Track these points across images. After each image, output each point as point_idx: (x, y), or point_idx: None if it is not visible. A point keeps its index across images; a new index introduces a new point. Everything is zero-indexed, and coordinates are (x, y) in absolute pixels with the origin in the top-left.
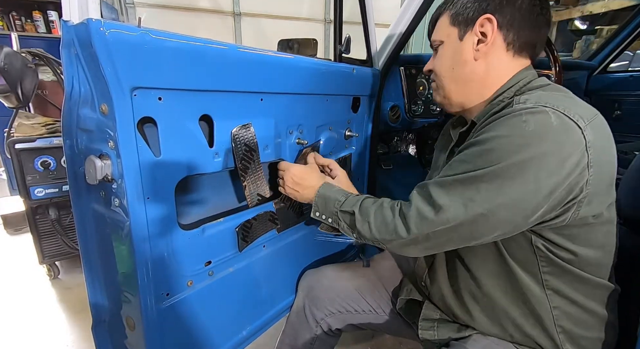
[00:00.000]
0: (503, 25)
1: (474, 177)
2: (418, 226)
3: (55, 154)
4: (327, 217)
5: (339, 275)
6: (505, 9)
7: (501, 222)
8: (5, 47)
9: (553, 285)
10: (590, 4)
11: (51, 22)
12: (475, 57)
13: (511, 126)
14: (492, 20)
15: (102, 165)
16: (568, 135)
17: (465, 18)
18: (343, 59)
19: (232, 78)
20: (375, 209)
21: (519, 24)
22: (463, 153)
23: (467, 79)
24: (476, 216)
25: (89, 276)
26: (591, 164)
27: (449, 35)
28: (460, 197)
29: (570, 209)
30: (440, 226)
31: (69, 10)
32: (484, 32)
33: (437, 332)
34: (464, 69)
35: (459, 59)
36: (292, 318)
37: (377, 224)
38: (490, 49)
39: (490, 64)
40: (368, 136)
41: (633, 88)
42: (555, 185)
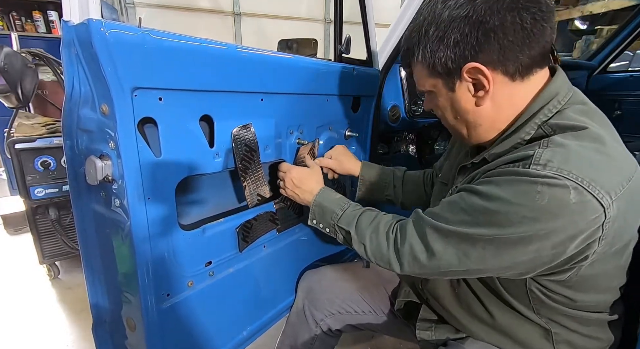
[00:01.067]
0: (496, 63)
1: (472, 236)
2: (410, 265)
3: (55, 154)
4: (324, 227)
5: (339, 276)
6: (485, 45)
7: (493, 274)
8: (5, 47)
9: (547, 315)
10: (590, 4)
11: (51, 22)
12: (477, 104)
13: (522, 193)
14: (480, 69)
15: (102, 165)
16: (585, 215)
17: (445, 70)
18: (343, 59)
19: (232, 78)
20: (370, 233)
21: (512, 50)
22: (464, 199)
23: (477, 124)
24: (469, 269)
25: (90, 277)
26: (603, 237)
27: (435, 86)
28: (455, 248)
29: (570, 270)
30: (432, 269)
31: (70, 11)
32: (476, 79)
33: (435, 332)
34: (469, 116)
35: (459, 108)
36: (292, 319)
37: (372, 249)
38: (492, 88)
39: (499, 102)
40: (368, 136)
41: (633, 88)
42: (558, 255)
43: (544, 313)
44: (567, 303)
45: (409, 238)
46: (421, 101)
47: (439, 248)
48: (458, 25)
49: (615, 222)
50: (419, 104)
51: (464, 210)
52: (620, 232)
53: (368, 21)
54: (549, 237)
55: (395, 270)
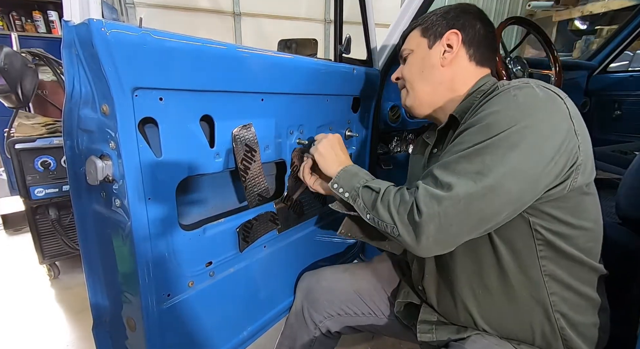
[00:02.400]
0: (466, 41)
1: (477, 150)
2: (428, 205)
3: (55, 154)
4: (344, 191)
5: (338, 277)
6: (467, 29)
7: (511, 196)
8: (5, 47)
9: (550, 270)
10: (590, 4)
11: (51, 22)
12: (442, 64)
13: (502, 101)
14: (458, 34)
15: (103, 165)
16: (554, 104)
17: (434, 31)
18: (343, 59)
19: (232, 78)
20: (395, 191)
21: (477, 43)
22: (460, 137)
23: (436, 82)
24: (485, 189)
25: (90, 277)
26: (577, 132)
27: (418, 45)
28: (467, 173)
29: (570, 176)
30: (451, 202)
31: (70, 11)
32: (450, 44)
33: (436, 334)
34: (432, 72)
35: (428, 64)
36: (291, 320)
37: (396, 203)
38: (455, 58)
39: (456, 71)
40: (368, 136)
41: (633, 88)
42: (554, 149)
43: (547, 265)
44: (568, 236)
45: (421, 186)
46: None
47: (451, 180)
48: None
49: (575, 118)
50: None
51: (462, 143)
52: (583, 132)
53: (368, 21)
54: (538, 129)
55: (416, 218)
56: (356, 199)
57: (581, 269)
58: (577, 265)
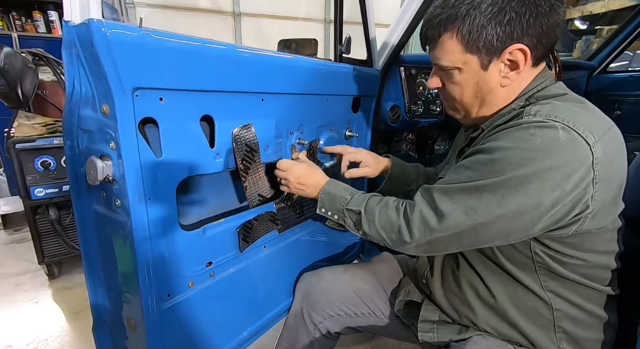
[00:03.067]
0: (534, 47)
1: (477, 186)
2: (421, 231)
3: (55, 154)
4: (332, 214)
5: (337, 278)
6: (531, 29)
7: (501, 232)
8: (5, 47)
9: (551, 287)
10: (590, 4)
11: (51, 22)
12: (502, 84)
13: (518, 138)
14: (526, 51)
15: (103, 166)
16: (575, 151)
17: (486, 46)
18: (343, 59)
19: (233, 78)
20: (380, 208)
21: (545, 35)
22: (468, 160)
23: (492, 102)
24: (476, 225)
25: (90, 277)
26: (597, 181)
27: (466, 63)
28: (462, 205)
29: (575, 224)
30: (442, 233)
31: (71, 11)
32: (514, 60)
33: (437, 334)
34: (490, 96)
35: (484, 87)
36: (290, 322)
37: (382, 222)
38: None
39: (517, 84)
40: (368, 136)
41: (633, 88)
42: (558, 199)
43: (549, 284)
44: (570, 266)
45: (418, 205)
46: (421, 101)
47: (447, 208)
48: (515, 4)
49: (602, 164)
50: (419, 104)
51: (468, 168)
52: (609, 179)
53: (368, 21)
54: (546, 176)
55: (406, 239)
56: (345, 219)
57: (586, 289)
58: (581, 286)
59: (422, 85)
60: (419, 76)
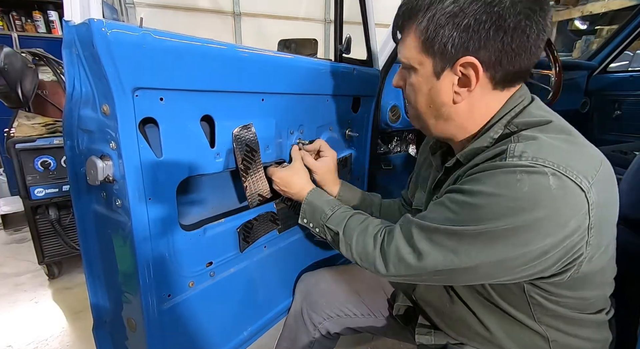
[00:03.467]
0: (490, 66)
1: (457, 232)
2: (396, 266)
3: (55, 154)
4: (314, 227)
5: (337, 278)
6: (490, 42)
7: (482, 276)
8: (5, 47)
9: (546, 321)
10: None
11: (51, 22)
12: (454, 100)
13: (503, 184)
14: (476, 66)
15: (103, 166)
16: (567, 200)
17: (441, 51)
18: (343, 59)
19: (233, 78)
20: (358, 233)
21: (511, 56)
22: (449, 198)
23: (447, 118)
24: (455, 268)
25: (90, 277)
26: (592, 226)
27: (421, 64)
28: (440, 247)
29: (569, 270)
30: (418, 271)
31: (71, 11)
32: (467, 75)
33: (434, 337)
34: (442, 109)
35: (436, 99)
36: (290, 322)
37: (359, 250)
38: (473, 90)
39: (474, 104)
40: (368, 136)
41: (633, 88)
42: (548, 248)
43: (544, 319)
44: (567, 304)
45: (395, 239)
46: None
47: (425, 247)
48: (477, 9)
49: (598, 208)
50: None
51: (449, 208)
52: (605, 221)
53: (368, 21)
54: (536, 227)
55: (380, 271)
56: (325, 235)
57: (581, 320)
58: (576, 317)
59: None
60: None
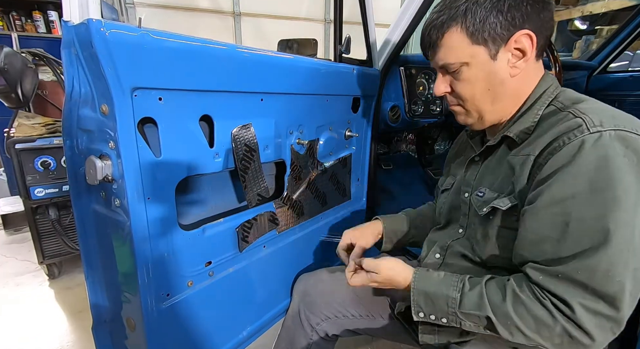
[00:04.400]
0: (537, 33)
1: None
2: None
3: (55, 154)
4: (439, 317)
5: (335, 279)
6: (531, 15)
7: None
8: (5, 47)
9: None
10: (590, 4)
11: (51, 22)
12: (511, 74)
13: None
14: (532, 36)
15: (102, 165)
16: None
17: (492, 35)
18: (343, 59)
19: (232, 78)
20: (513, 305)
21: (545, 28)
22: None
23: (504, 97)
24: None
25: (90, 277)
26: None
27: (473, 56)
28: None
29: None
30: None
31: (70, 11)
32: (521, 48)
33: (437, 336)
34: (501, 88)
35: (495, 79)
36: (288, 323)
37: (532, 329)
38: (529, 60)
39: (525, 75)
40: (368, 136)
41: (633, 88)
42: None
43: None
44: None
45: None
46: (421, 101)
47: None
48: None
49: None
50: (419, 104)
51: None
52: None
53: (368, 21)
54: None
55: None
56: (461, 322)
57: None
58: None
59: (422, 86)
60: (419, 76)
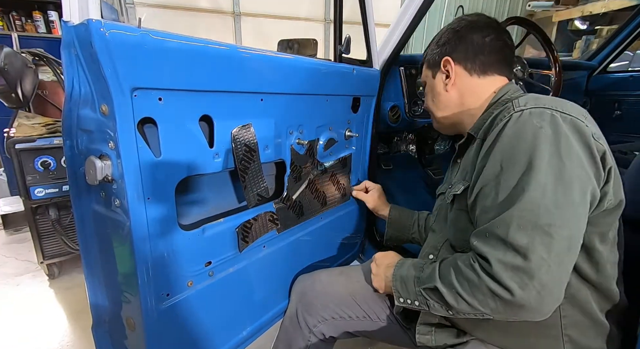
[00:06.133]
0: (460, 60)
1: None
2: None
3: (55, 154)
4: (413, 302)
5: (333, 280)
6: (459, 47)
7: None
8: (5, 47)
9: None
10: (590, 4)
11: (51, 22)
12: (446, 89)
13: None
14: (449, 61)
15: (102, 165)
16: (573, 125)
17: (433, 61)
18: (343, 59)
19: (232, 78)
20: (454, 274)
21: (472, 54)
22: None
23: (446, 106)
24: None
25: (89, 277)
26: (605, 150)
27: (426, 76)
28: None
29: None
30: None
31: (69, 11)
32: (447, 69)
33: (435, 337)
34: (440, 99)
35: (435, 92)
36: (286, 324)
37: (468, 292)
38: (455, 79)
39: (461, 90)
40: (368, 136)
41: (633, 88)
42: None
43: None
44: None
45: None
46: (421, 101)
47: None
48: (448, 34)
49: (599, 140)
50: (419, 104)
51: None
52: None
53: (368, 21)
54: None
55: (505, 296)
56: (427, 303)
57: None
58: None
59: (422, 86)
60: (419, 76)
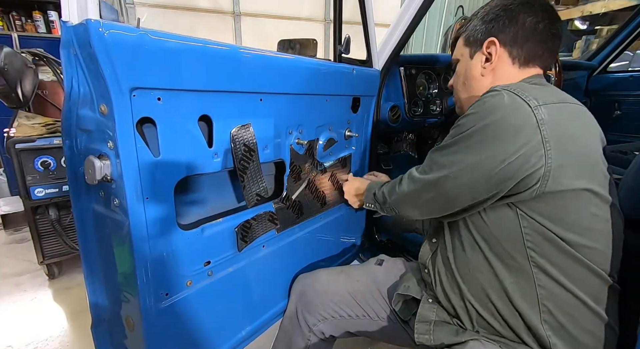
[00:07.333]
0: (507, 43)
1: (444, 146)
2: (408, 183)
3: (55, 154)
4: (369, 204)
5: (333, 279)
6: (508, 28)
7: (464, 185)
8: (5, 47)
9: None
10: (590, 4)
11: (51, 22)
12: (482, 74)
13: (474, 106)
14: (495, 42)
15: (101, 165)
16: (518, 111)
17: (474, 39)
18: (343, 59)
19: (231, 78)
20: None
21: (522, 39)
22: None
23: (476, 91)
24: (442, 177)
25: (89, 276)
26: (547, 140)
27: (462, 55)
28: (434, 161)
29: (535, 183)
30: (421, 181)
31: (68, 11)
32: (490, 52)
33: (433, 335)
34: (473, 83)
35: (469, 75)
36: (285, 323)
37: (388, 188)
38: (496, 65)
39: (497, 77)
40: (368, 136)
41: (633, 88)
42: (508, 153)
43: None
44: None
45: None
46: (421, 101)
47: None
48: (498, 10)
49: (551, 127)
50: (419, 104)
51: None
52: (565, 143)
53: (368, 21)
54: (494, 131)
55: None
56: (375, 203)
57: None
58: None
59: (422, 86)
60: (419, 76)
